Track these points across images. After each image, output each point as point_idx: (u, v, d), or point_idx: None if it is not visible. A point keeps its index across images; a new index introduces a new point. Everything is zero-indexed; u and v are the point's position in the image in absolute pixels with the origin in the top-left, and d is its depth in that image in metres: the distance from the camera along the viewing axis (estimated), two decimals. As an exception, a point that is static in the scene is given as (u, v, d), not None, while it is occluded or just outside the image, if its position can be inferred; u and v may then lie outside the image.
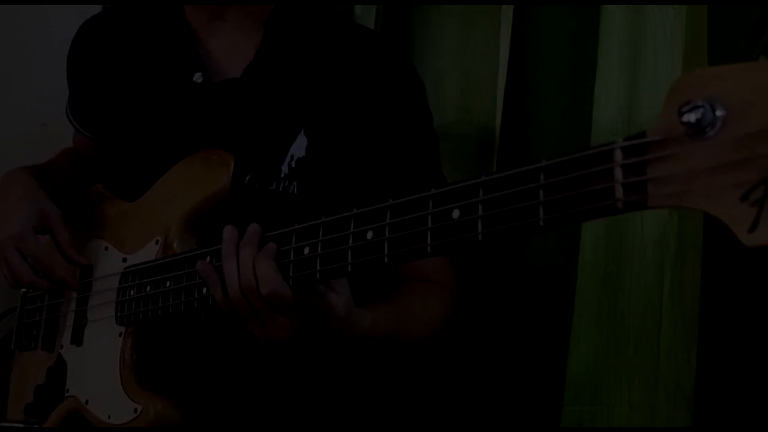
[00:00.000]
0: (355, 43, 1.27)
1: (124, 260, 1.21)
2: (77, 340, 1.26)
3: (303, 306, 0.98)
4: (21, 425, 1.29)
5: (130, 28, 1.34)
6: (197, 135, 1.22)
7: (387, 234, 0.86)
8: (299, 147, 1.20)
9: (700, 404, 1.37)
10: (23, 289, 1.40)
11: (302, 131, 1.20)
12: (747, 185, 0.63)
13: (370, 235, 0.88)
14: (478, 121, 1.62)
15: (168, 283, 1.11)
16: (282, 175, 1.19)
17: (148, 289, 1.14)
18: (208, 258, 1.05)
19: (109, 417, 1.18)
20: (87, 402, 1.22)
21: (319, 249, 0.93)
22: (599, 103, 1.43)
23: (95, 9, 1.56)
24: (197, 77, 1.24)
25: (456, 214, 0.81)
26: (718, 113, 0.65)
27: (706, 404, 1.39)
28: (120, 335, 1.18)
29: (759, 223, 0.62)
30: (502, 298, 1.60)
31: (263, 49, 1.24)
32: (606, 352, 1.41)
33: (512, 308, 1.59)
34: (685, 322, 1.37)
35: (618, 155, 0.69)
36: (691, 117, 0.65)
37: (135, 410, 1.14)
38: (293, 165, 1.19)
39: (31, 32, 1.65)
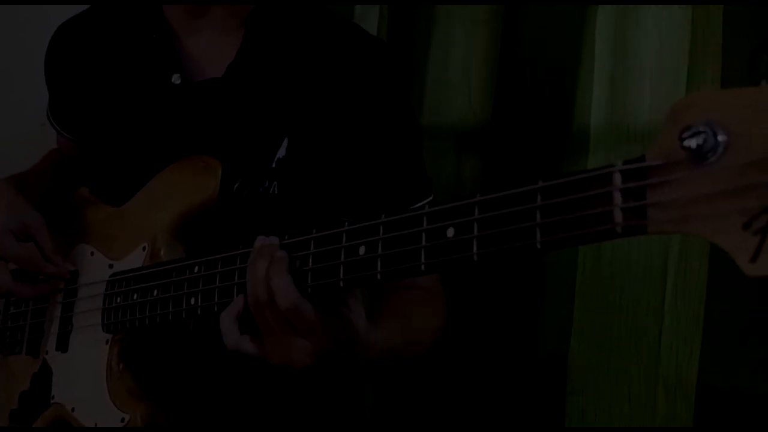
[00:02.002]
0: (338, 40, 1.24)
1: (111, 266, 1.19)
2: (62, 346, 1.24)
3: (327, 327, 0.93)
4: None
5: (108, 29, 1.30)
6: (179, 138, 1.20)
7: (380, 250, 0.85)
8: (282, 149, 1.18)
9: (701, 402, 1.38)
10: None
11: (286, 138, 1.18)
12: (749, 213, 0.62)
13: (362, 250, 0.87)
14: (478, 120, 1.61)
15: (155, 292, 1.09)
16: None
17: (135, 297, 1.12)
18: (197, 268, 1.03)
19: (95, 425, 1.17)
20: (73, 410, 1.20)
21: (311, 263, 0.92)
22: (594, 104, 1.42)
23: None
24: (175, 78, 1.21)
25: (451, 232, 0.79)
26: (720, 138, 0.64)
27: (708, 402, 1.39)
28: (106, 342, 1.17)
29: (761, 252, 0.61)
30: (504, 292, 1.59)
31: (245, 48, 1.21)
32: (609, 348, 1.42)
33: (513, 303, 1.59)
34: (689, 320, 1.37)
35: (617, 179, 0.68)
36: (693, 143, 0.64)
37: (122, 419, 1.13)
38: (273, 166, 1.17)
39: (31, 32, 1.63)
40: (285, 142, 1.18)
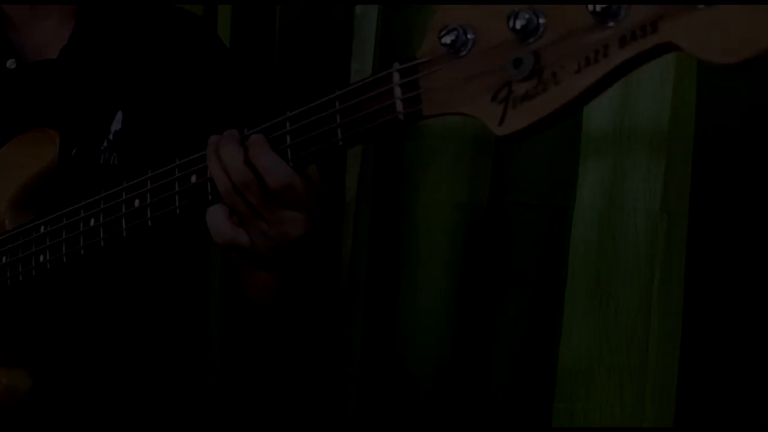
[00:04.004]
0: (161, 22, 1.37)
1: (-44, 249, 1.26)
2: None
3: (311, 191, 0.96)
4: None
5: None
6: (19, 119, 1.28)
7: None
8: (117, 121, 1.29)
9: (682, 403, 1.46)
10: None
11: (120, 111, 1.29)
12: (494, 88, 0.79)
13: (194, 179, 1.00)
14: (475, 122, 1.68)
15: (4, 258, 1.17)
16: (102, 148, 1.28)
17: (-17, 267, 1.20)
18: (42, 227, 1.13)
19: (-47, 399, 1.22)
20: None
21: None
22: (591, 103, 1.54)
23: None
24: (10, 63, 1.30)
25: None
26: (469, 36, 0.81)
27: (689, 403, 1.48)
28: (-43, 319, 1.23)
29: (506, 116, 0.78)
30: (493, 296, 1.66)
31: (77, 33, 1.32)
32: (598, 350, 1.49)
33: (503, 306, 1.66)
34: (672, 321, 1.45)
35: (396, 76, 0.85)
36: (448, 39, 0.81)
37: (-20, 388, 1.19)
38: (111, 138, 1.28)
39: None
40: (120, 116, 1.29)
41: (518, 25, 0.75)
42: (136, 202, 1.04)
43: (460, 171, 1.70)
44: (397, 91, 0.84)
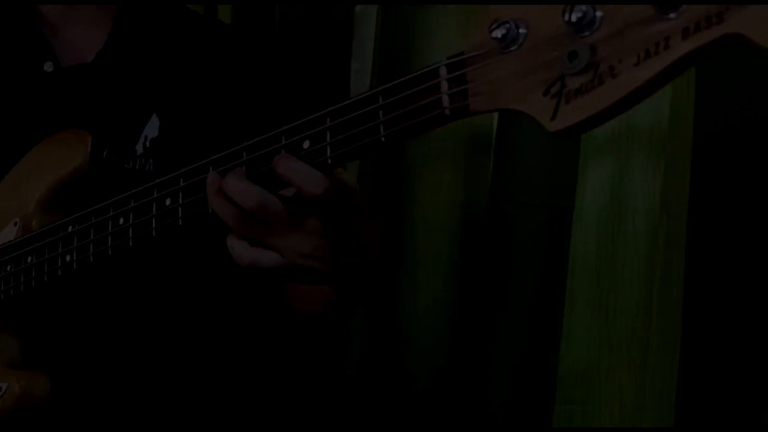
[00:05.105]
0: (199, 29, 1.39)
1: (-20, 248, 1.25)
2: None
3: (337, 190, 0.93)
4: None
5: None
6: (53, 122, 1.28)
7: None
8: (152, 127, 1.29)
9: (682, 404, 1.48)
10: None
11: (154, 113, 1.29)
12: (547, 83, 0.79)
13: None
14: (474, 122, 1.68)
15: (30, 259, 1.16)
16: (138, 154, 1.27)
17: (9, 268, 1.18)
18: (70, 227, 1.11)
19: (-31, 401, 1.20)
20: (-54, 392, 1.24)
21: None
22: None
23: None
24: (47, 66, 1.31)
25: (306, 144, 0.93)
26: (521, 31, 0.81)
27: (689, 403, 1.50)
28: (-21, 320, 1.22)
29: (558, 111, 0.78)
30: (493, 296, 1.68)
31: (113, 37, 1.33)
32: (598, 349, 1.50)
33: (503, 307, 1.67)
34: (672, 321, 1.47)
35: (443, 71, 0.84)
36: (499, 33, 0.81)
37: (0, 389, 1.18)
38: (147, 145, 1.28)
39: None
40: (156, 122, 1.29)
41: (574, 18, 0.75)
42: (168, 201, 1.02)
43: (460, 171, 1.72)
44: (444, 86, 0.83)
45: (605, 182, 1.54)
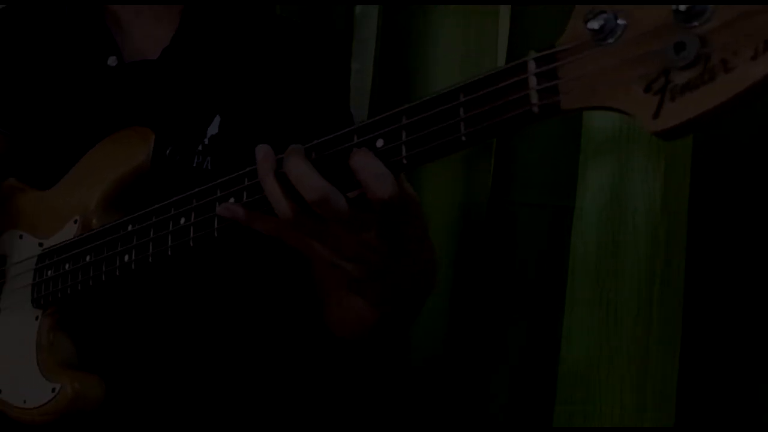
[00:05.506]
0: (265, 29, 1.35)
1: (41, 245, 1.21)
2: (-11, 331, 1.24)
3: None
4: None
5: (40, 18, 1.36)
6: (115, 117, 1.24)
7: None
8: (215, 126, 1.24)
9: (682, 404, 1.44)
10: None
11: (217, 114, 1.25)
12: (649, 78, 0.70)
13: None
14: None
15: (88, 257, 1.11)
16: (197, 151, 1.24)
17: (67, 266, 1.14)
18: (130, 226, 1.07)
19: (24, 402, 1.16)
20: (0, 392, 1.20)
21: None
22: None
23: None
24: (111, 61, 1.28)
25: (380, 143, 0.86)
26: (620, 21, 0.73)
27: (689, 403, 1.46)
28: (36, 318, 1.17)
29: (662, 109, 0.69)
30: (493, 296, 1.64)
31: (179, 35, 1.30)
32: (598, 349, 1.47)
33: (504, 307, 1.63)
34: (672, 321, 1.44)
35: (532, 65, 0.76)
36: (595, 24, 0.73)
37: (53, 390, 1.13)
38: (206, 142, 1.24)
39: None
40: (217, 120, 1.25)
41: (682, 7, 0.67)
42: (231, 201, 0.97)
43: (460, 171, 1.69)
44: (533, 81, 0.76)
45: (605, 182, 1.53)
